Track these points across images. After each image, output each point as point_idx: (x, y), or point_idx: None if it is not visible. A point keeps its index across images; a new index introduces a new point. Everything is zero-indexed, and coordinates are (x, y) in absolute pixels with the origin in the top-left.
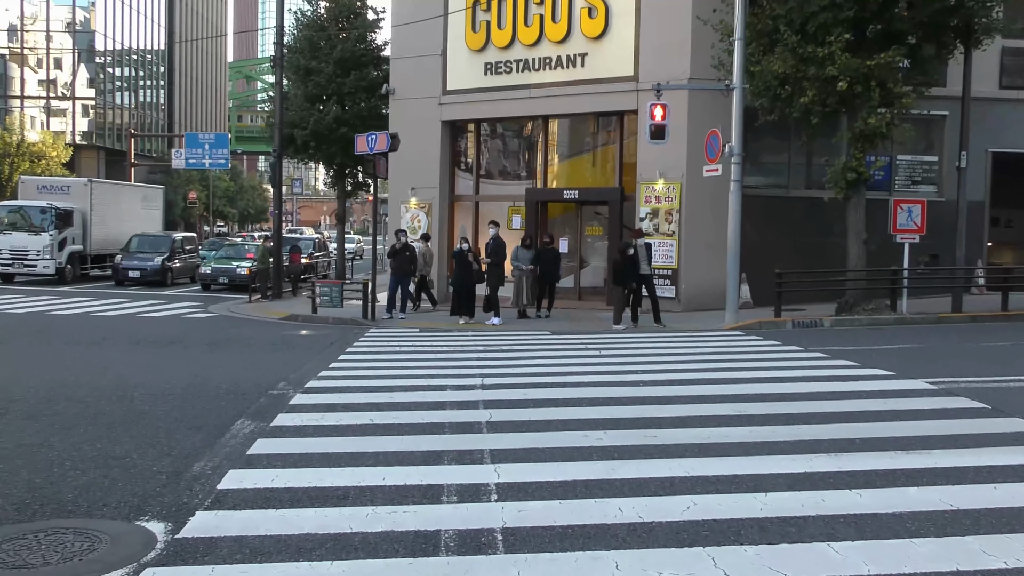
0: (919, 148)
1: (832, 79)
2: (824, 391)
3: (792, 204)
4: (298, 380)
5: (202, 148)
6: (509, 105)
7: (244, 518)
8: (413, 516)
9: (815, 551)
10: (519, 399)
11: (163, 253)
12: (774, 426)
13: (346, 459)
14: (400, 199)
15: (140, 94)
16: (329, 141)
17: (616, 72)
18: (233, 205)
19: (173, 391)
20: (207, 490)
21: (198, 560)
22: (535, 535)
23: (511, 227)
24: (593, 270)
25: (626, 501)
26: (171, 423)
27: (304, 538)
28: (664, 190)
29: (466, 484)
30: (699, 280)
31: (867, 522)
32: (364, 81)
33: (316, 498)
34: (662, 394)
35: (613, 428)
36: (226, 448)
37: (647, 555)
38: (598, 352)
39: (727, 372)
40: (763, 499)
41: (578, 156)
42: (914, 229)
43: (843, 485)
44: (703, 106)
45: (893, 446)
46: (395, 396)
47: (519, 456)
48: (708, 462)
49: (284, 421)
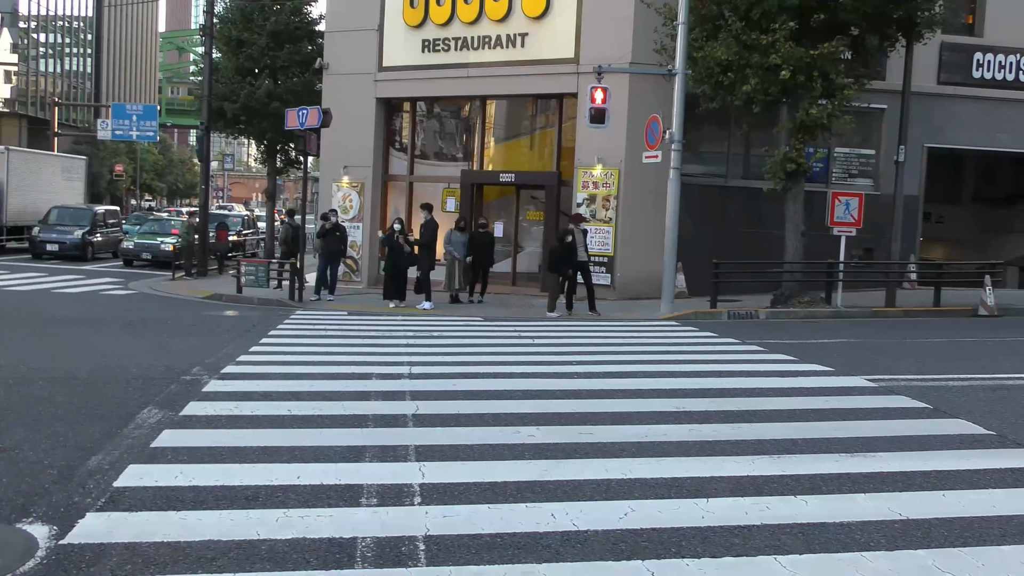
0: (856, 141)
1: (775, 68)
2: (764, 387)
3: (731, 194)
4: (214, 365)
5: (130, 119)
6: (446, 84)
7: (140, 521)
8: (328, 521)
9: (761, 566)
10: (448, 390)
11: (84, 226)
12: (715, 424)
13: (259, 454)
14: (332, 177)
15: (66, 62)
16: (260, 116)
17: (557, 53)
18: (162, 179)
19: (77, 375)
20: (102, 488)
21: (82, 571)
22: (460, 545)
23: (445, 209)
24: (529, 255)
25: (560, 506)
26: (70, 411)
27: (205, 546)
28: (602, 176)
29: (388, 485)
30: (635, 268)
31: (815, 533)
32: (298, 55)
33: (223, 499)
34: (598, 387)
35: (547, 424)
36: (128, 440)
37: (581, 570)
38: (532, 340)
39: (664, 365)
40: (705, 506)
41: (516, 139)
42: (851, 222)
43: (788, 491)
44: (644, 91)
45: (837, 448)
46: (317, 384)
47: (446, 454)
48: (647, 463)
49: (195, 410)
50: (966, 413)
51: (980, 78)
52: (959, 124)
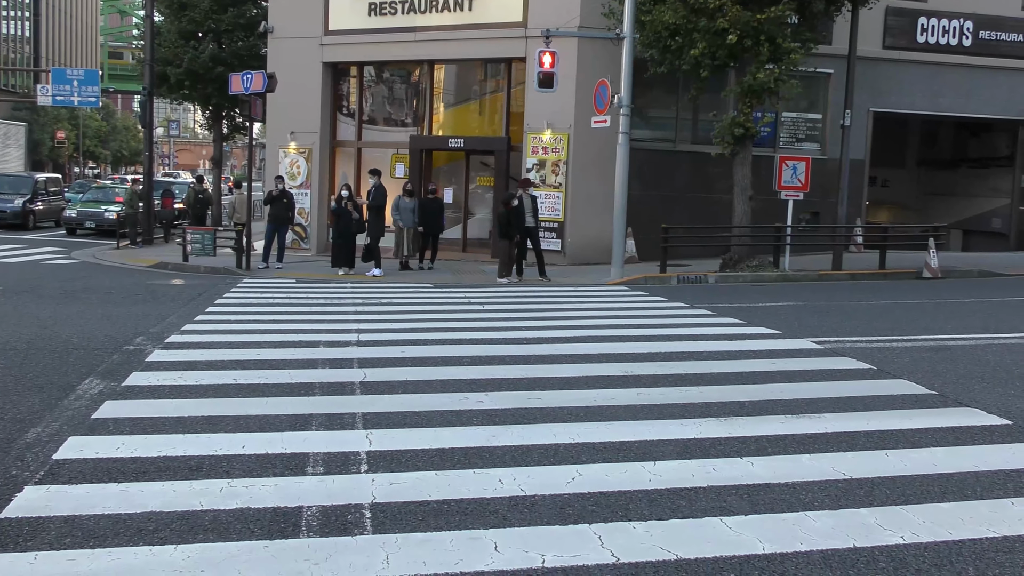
0: (803, 106)
1: (722, 31)
2: (712, 350)
3: (679, 159)
4: (158, 335)
5: (71, 85)
6: (394, 48)
7: (80, 494)
8: (273, 490)
9: (707, 527)
10: (396, 357)
11: (24, 195)
12: (663, 388)
13: (203, 424)
14: (279, 143)
15: (3, 25)
16: (205, 81)
17: (505, 17)
18: (105, 146)
19: (16, 346)
20: (40, 461)
21: (19, 545)
22: (407, 512)
23: (394, 175)
24: (479, 222)
25: (507, 472)
26: (8, 383)
27: (147, 517)
28: (551, 141)
29: (334, 453)
30: (585, 233)
31: (760, 493)
32: (242, 18)
33: (165, 469)
34: (546, 352)
35: (495, 389)
36: (68, 411)
37: (529, 534)
38: (481, 307)
39: (613, 330)
40: (652, 468)
41: (465, 104)
42: (798, 186)
43: (734, 452)
44: (593, 56)
45: (783, 409)
46: (263, 353)
47: (394, 421)
48: (595, 427)
49: (137, 380)
50: (909, 374)
51: (924, 43)
52: (904, 88)
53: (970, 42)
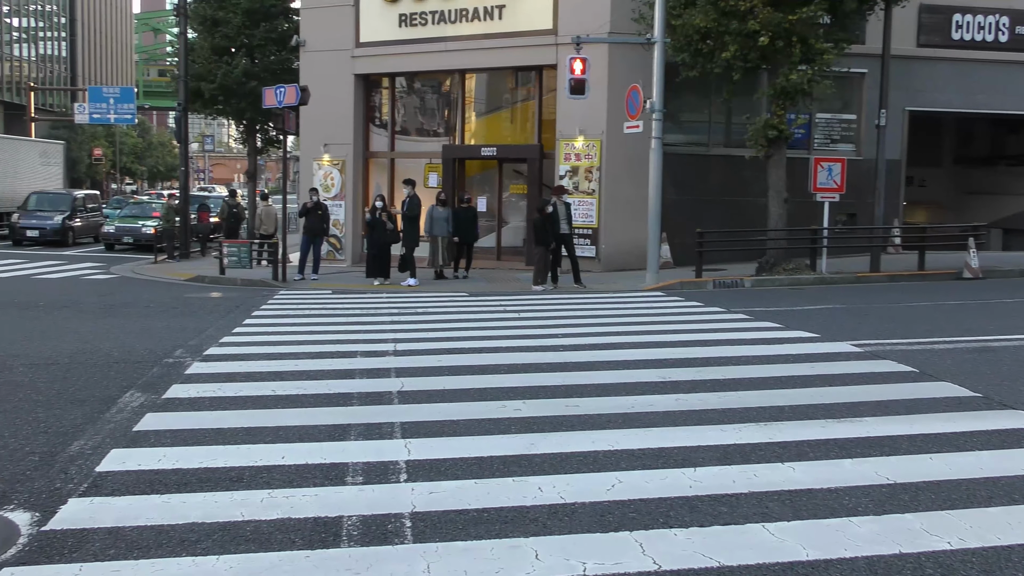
0: (837, 106)
1: (754, 34)
2: (750, 355)
3: (712, 163)
4: (197, 347)
5: (107, 103)
6: (424, 59)
7: (123, 506)
8: (313, 500)
9: (749, 533)
10: (433, 366)
11: (63, 212)
12: (701, 393)
13: (243, 435)
14: (312, 156)
15: (41, 46)
16: (238, 95)
17: (535, 25)
18: (142, 162)
19: (58, 360)
20: (84, 473)
21: (65, 557)
22: (447, 521)
23: (428, 185)
24: (513, 229)
25: (546, 480)
26: (51, 396)
27: (189, 528)
28: (584, 147)
29: (373, 463)
30: (619, 239)
31: (802, 499)
32: (274, 33)
33: (206, 481)
34: (583, 359)
35: (532, 397)
36: (110, 424)
37: (569, 542)
38: (517, 314)
39: (650, 336)
40: (692, 475)
41: (496, 112)
42: (834, 188)
43: (775, 458)
44: (624, 61)
45: (823, 414)
46: (301, 364)
47: (432, 430)
48: (633, 434)
49: (177, 393)
50: (952, 376)
51: (959, 39)
52: (939, 86)
53: (1006, 37)
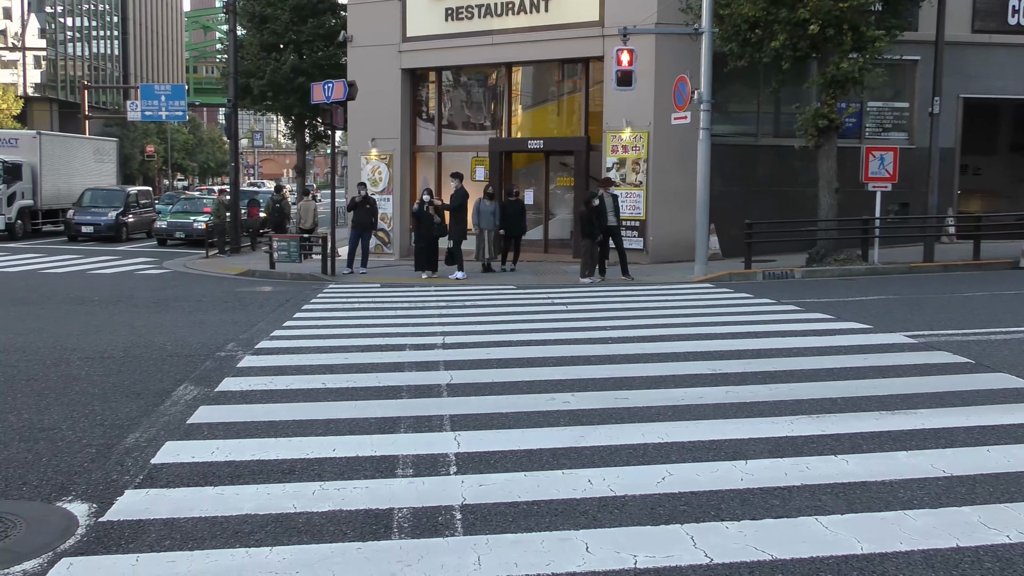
0: (889, 94)
1: (803, 22)
2: (801, 347)
3: (761, 153)
4: (248, 341)
5: (158, 100)
6: (471, 52)
7: (177, 497)
8: (364, 493)
9: (802, 527)
10: (482, 359)
11: (117, 208)
12: (752, 385)
13: (294, 428)
14: (360, 150)
15: (94, 45)
16: (286, 91)
17: (581, 17)
18: (192, 158)
19: (113, 354)
20: (139, 465)
21: (122, 547)
22: (497, 513)
23: (475, 179)
24: (560, 222)
25: (596, 472)
26: (107, 389)
27: (242, 520)
28: (631, 139)
29: (423, 455)
30: (667, 231)
31: (856, 492)
32: (321, 29)
33: (259, 473)
34: (632, 352)
35: (581, 390)
36: (165, 417)
37: (620, 535)
38: (565, 307)
39: (700, 327)
40: (743, 467)
41: (543, 105)
42: (886, 177)
43: (828, 450)
44: (671, 52)
45: (877, 405)
46: (350, 357)
47: (481, 422)
48: (684, 426)
49: (230, 386)
50: (1009, 367)
51: (1016, 24)
52: (994, 73)
53: None
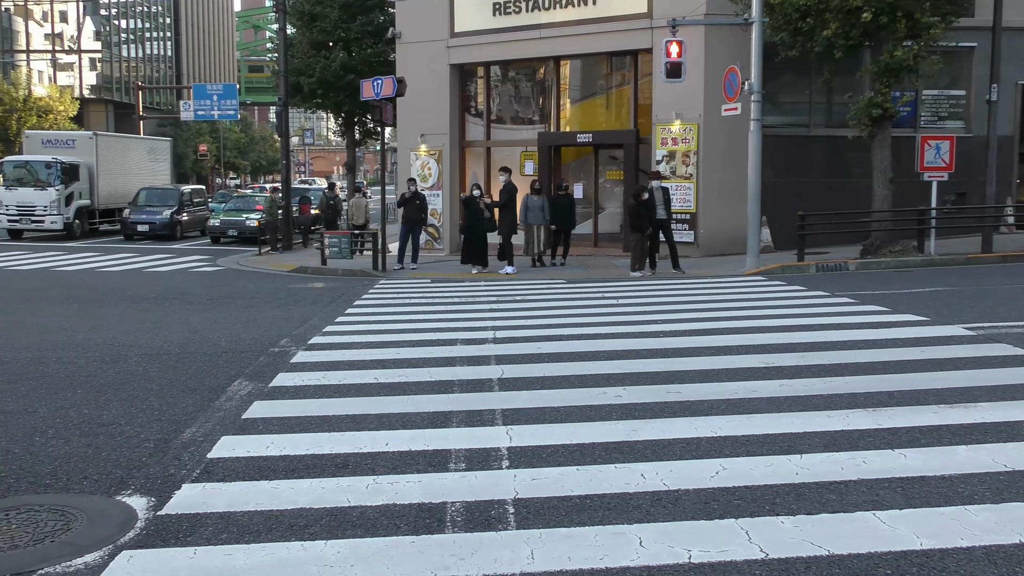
0: (945, 82)
1: (856, 10)
2: (856, 339)
3: (813, 144)
4: (301, 336)
5: (211, 100)
6: (519, 47)
7: (234, 491)
8: (417, 487)
9: (859, 522)
10: (533, 353)
11: (172, 206)
12: (806, 379)
13: (347, 422)
14: (409, 146)
15: (147, 46)
16: (336, 89)
17: (629, 9)
18: (244, 157)
19: (169, 350)
20: (196, 459)
21: (180, 540)
22: (550, 507)
23: (524, 173)
24: (610, 216)
25: (649, 466)
26: (164, 385)
27: (297, 514)
28: (681, 131)
29: (475, 449)
30: (718, 224)
31: (914, 487)
32: (370, 26)
33: (313, 467)
34: (684, 345)
35: (633, 384)
36: (220, 412)
37: (673, 529)
38: (615, 301)
39: (752, 320)
40: (798, 462)
41: (591, 98)
42: (942, 167)
43: (884, 444)
44: (720, 42)
45: (935, 399)
46: (402, 352)
47: (533, 416)
48: (737, 420)
49: (284, 381)
50: None
51: None
52: None
53: None
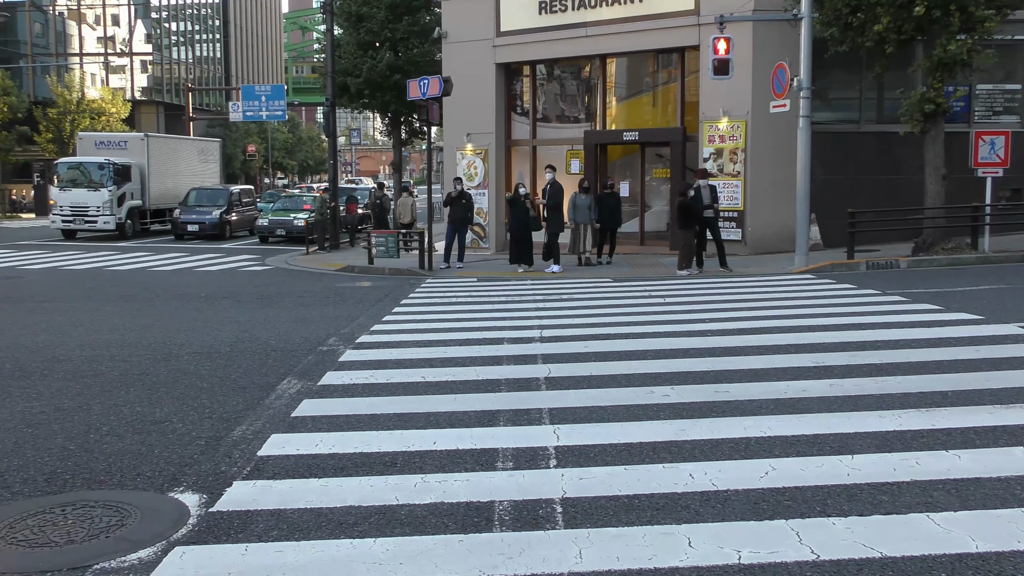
0: (1000, 76)
1: (908, 3)
2: (909, 338)
3: (864, 140)
4: (349, 335)
5: (259, 100)
6: (565, 45)
7: (284, 489)
8: (465, 485)
9: (913, 523)
10: (580, 352)
11: (221, 206)
12: (857, 378)
13: (395, 421)
14: (455, 146)
15: (197, 48)
16: (383, 89)
17: (676, 6)
18: (292, 157)
19: (220, 349)
20: (247, 457)
21: (231, 537)
22: (598, 507)
23: (569, 171)
24: (656, 214)
25: (698, 466)
26: (215, 383)
27: (346, 511)
28: (728, 129)
29: (523, 448)
30: (766, 222)
31: (969, 488)
32: (416, 26)
33: (362, 465)
34: (732, 344)
35: (681, 383)
36: (270, 410)
37: (723, 530)
38: (663, 299)
39: (801, 319)
40: (850, 462)
41: (637, 96)
42: (997, 162)
43: (939, 445)
44: (769, 38)
45: (990, 399)
46: (449, 351)
47: (580, 416)
48: (786, 420)
49: (332, 380)
50: None
51: None
52: None
53: None
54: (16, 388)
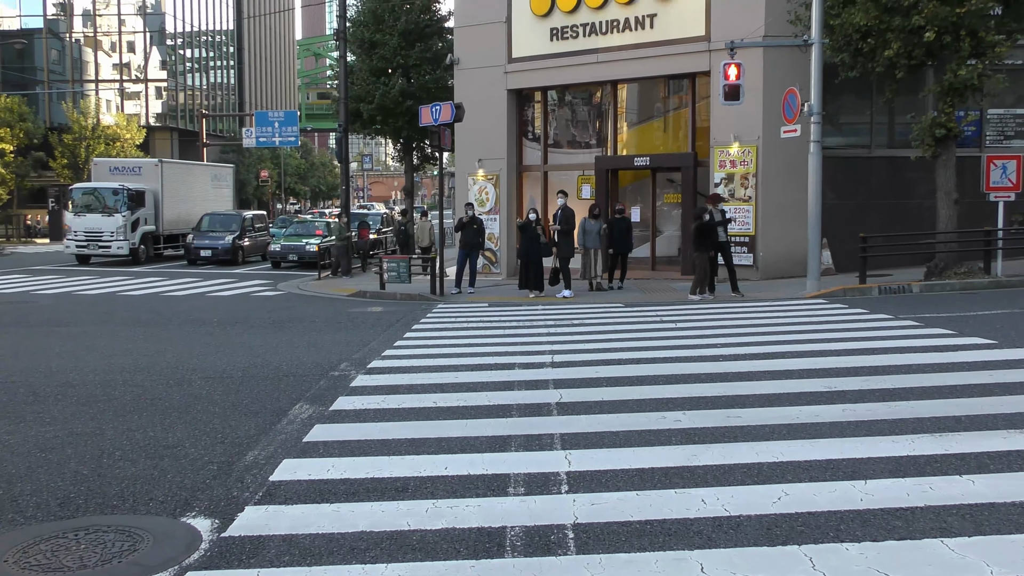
0: (1011, 101)
1: (918, 29)
2: (922, 363)
3: (875, 165)
4: (361, 360)
5: (272, 126)
6: (576, 71)
7: (296, 514)
8: (476, 511)
9: (927, 549)
10: (591, 377)
11: (234, 232)
12: (870, 403)
13: (407, 446)
14: (467, 171)
15: (211, 75)
16: (395, 115)
17: (687, 32)
18: (304, 182)
19: (232, 374)
20: (259, 482)
21: (243, 562)
22: (610, 532)
23: (581, 196)
24: (667, 239)
25: (710, 492)
26: (227, 408)
27: (358, 537)
28: (739, 154)
29: (534, 473)
30: (778, 246)
31: (984, 514)
32: (429, 52)
33: (373, 491)
34: (745, 369)
35: (692, 408)
36: (282, 435)
37: (736, 556)
38: (674, 324)
39: (814, 344)
40: (863, 487)
41: (648, 122)
42: (1009, 187)
43: (952, 470)
44: (779, 64)
45: (1004, 424)
46: (460, 376)
47: (592, 441)
48: (799, 445)
49: (344, 405)
50: None
51: None
52: None
53: None
54: (30, 413)
